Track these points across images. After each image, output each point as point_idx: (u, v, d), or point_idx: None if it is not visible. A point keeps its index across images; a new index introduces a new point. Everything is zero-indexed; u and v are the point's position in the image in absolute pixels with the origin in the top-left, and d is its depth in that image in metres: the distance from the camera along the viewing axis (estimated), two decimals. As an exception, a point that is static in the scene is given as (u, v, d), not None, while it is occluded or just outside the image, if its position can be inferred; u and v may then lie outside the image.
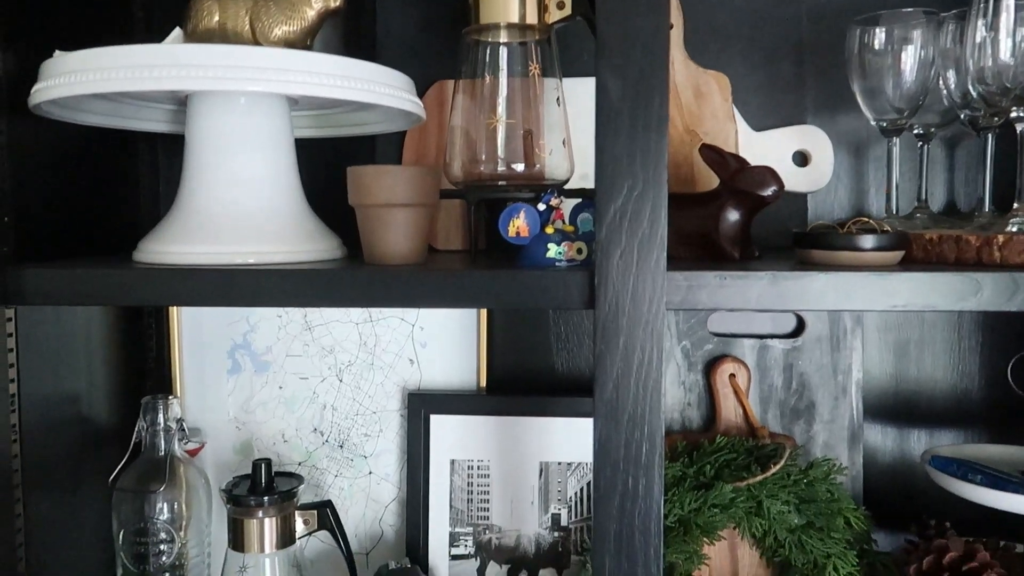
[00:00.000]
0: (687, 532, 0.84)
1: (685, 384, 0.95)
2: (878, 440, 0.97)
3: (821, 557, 0.84)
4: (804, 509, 0.85)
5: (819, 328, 0.94)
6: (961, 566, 0.75)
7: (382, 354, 0.96)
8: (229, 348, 0.97)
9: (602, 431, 0.64)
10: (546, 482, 0.93)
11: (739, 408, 0.93)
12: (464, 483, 0.94)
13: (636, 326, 0.63)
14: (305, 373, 0.97)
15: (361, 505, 0.97)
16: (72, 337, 0.86)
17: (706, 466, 0.86)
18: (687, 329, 0.95)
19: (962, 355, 0.95)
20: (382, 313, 0.96)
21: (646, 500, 0.64)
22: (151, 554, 0.86)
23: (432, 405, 0.94)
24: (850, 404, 0.94)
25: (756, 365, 0.94)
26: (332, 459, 0.97)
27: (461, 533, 0.93)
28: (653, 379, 0.64)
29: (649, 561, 0.64)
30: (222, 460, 0.98)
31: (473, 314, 0.95)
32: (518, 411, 0.93)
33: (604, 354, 0.64)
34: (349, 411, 0.97)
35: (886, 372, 0.96)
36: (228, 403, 0.98)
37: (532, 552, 0.93)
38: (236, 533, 0.85)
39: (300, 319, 0.96)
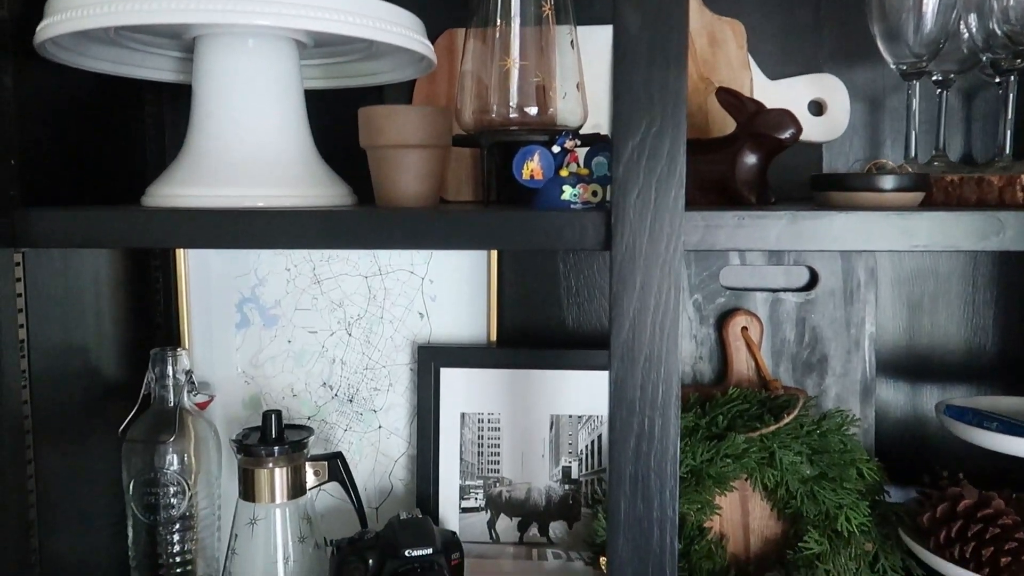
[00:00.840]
0: (699, 483, 0.83)
1: (697, 338, 0.95)
2: (890, 396, 0.96)
3: (833, 508, 0.83)
4: (816, 460, 0.84)
5: (832, 282, 0.93)
6: (976, 513, 0.74)
7: (391, 307, 0.95)
8: (237, 302, 0.97)
9: (618, 372, 0.63)
10: (557, 435, 0.92)
11: (751, 361, 0.92)
12: (474, 436, 0.93)
13: (653, 266, 0.63)
14: (314, 327, 0.96)
15: (371, 460, 0.97)
16: (80, 290, 0.86)
17: (719, 417, 0.85)
18: (699, 283, 0.94)
19: (976, 309, 0.94)
20: (391, 266, 0.95)
21: (662, 441, 0.64)
22: (161, 504, 0.86)
23: (442, 358, 0.93)
24: (863, 358, 0.93)
25: (768, 319, 0.93)
26: (341, 413, 0.97)
27: (471, 486, 0.93)
28: (670, 320, 0.63)
29: (665, 503, 0.64)
30: (231, 414, 0.97)
31: (483, 267, 0.94)
32: (529, 364, 0.92)
33: (620, 295, 0.63)
34: (358, 365, 0.96)
35: (899, 327, 0.95)
36: (236, 357, 0.97)
37: (543, 505, 0.92)
38: (247, 483, 0.85)
39: (309, 272, 0.96)
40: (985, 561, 0.72)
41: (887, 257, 0.94)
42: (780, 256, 0.94)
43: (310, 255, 0.95)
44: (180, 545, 0.88)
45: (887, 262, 0.94)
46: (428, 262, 0.95)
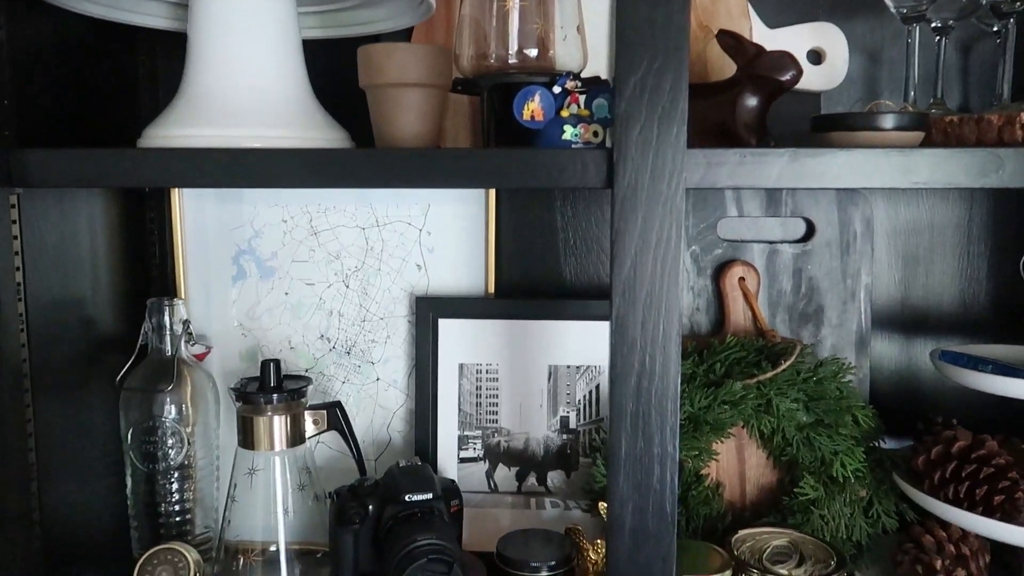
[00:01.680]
0: (697, 429, 0.84)
1: (694, 289, 0.95)
2: (885, 348, 0.97)
3: (829, 454, 0.84)
4: (813, 407, 0.85)
5: (829, 233, 0.93)
6: (970, 454, 0.75)
7: (389, 259, 0.95)
8: (233, 254, 0.96)
9: (619, 309, 0.64)
10: (555, 385, 0.93)
11: (748, 312, 0.93)
12: (473, 387, 0.93)
13: (655, 203, 0.63)
14: (311, 279, 0.96)
15: (369, 412, 0.97)
16: (75, 240, 0.85)
17: (716, 364, 0.86)
18: (696, 234, 0.94)
19: (971, 260, 0.95)
20: (388, 217, 0.95)
21: (663, 379, 0.64)
22: (159, 453, 0.86)
23: (440, 309, 0.93)
24: (858, 309, 0.94)
25: (765, 270, 0.94)
26: (339, 366, 0.97)
27: (470, 436, 0.94)
28: (671, 257, 0.63)
29: (665, 440, 0.64)
30: (228, 367, 0.97)
31: (480, 219, 0.94)
32: (527, 315, 0.92)
33: (622, 232, 0.63)
34: (356, 317, 0.96)
35: (894, 279, 0.96)
36: (233, 310, 0.97)
37: (541, 455, 0.93)
38: (245, 431, 0.85)
39: (306, 224, 0.95)
40: (979, 500, 0.73)
41: (883, 208, 0.95)
42: (777, 207, 0.94)
43: (307, 207, 0.95)
44: (179, 494, 0.88)
45: (883, 213, 0.95)
46: (426, 214, 0.95)
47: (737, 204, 0.94)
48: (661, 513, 0.65)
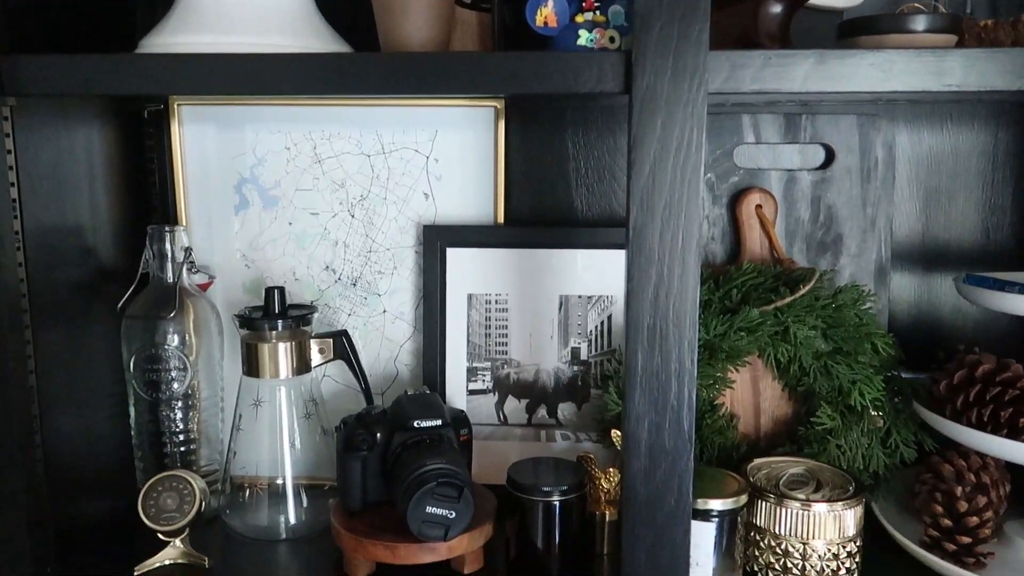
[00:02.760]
0: (712, 357, 0.82)
1: (709, 218, 0.92)
2: (905, 280, 0.94)
3: (847, 383, 0.82)
4: (831, 334, 0.83)
5: (849, 159, 0.90)
6: (994, 377, 0.73)
7: (395, 188, 0.93)
8: (236, 183, 0.94)
9: (636, 219, 0.61)
10: (566, 316, 0.91)
11: (765, 241, 0.90)
12: (482, 318, 0.91)
13: (676, 106, 0.60)
14: (316, 208, 0.93)
15: (376, 344, 0.95)
16: (72, 166, 0.82)
17: (732, 290, 0.84)
18: (712, 161, 0.92)
19: (995, 189, 0.92)
20: (394, 144, 0.92)
21: (681, 291, 0.62)
22: (163, 381, 0.85)
23: (448, 238, 0.91)
24: (878, 238, 0.91)
25: (783, 198, 0.91)
26: (345, 298, 0.95)
27: (479, 368, 0.92)
28: (692, 164, 0.60)
29: (683, 355, 0.62)
30: (232, 299, 0.95)
31: (490, 146, 0.91)
32: (537, 243, 0.90)
33: (640, 138, 0.60)
34: (362, 248, 0.94)
35: (916, 208, 0.93)
36: (236, 240, 0.95)
37: (551, 386, 0.91)
38: (250, 359, 0.83)
39: (309, 151, 0.92)
40: (1003, 423, 0.71)
41: (905, 134, 0.92)
42: (796, 132, 0.91)
43: (310, 133, 0.92)
44: (183, 424, 0.86)
45: (905, 140, 0.92)
46: (433, 140, 0.92)
47: (755, 130, 0.91)
48: (678, 430, 0.63)
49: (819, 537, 0.72)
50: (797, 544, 0.73)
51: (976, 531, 0.73)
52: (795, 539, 0.73)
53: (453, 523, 0.72)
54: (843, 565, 0.73)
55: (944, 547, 0.74)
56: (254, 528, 0.84)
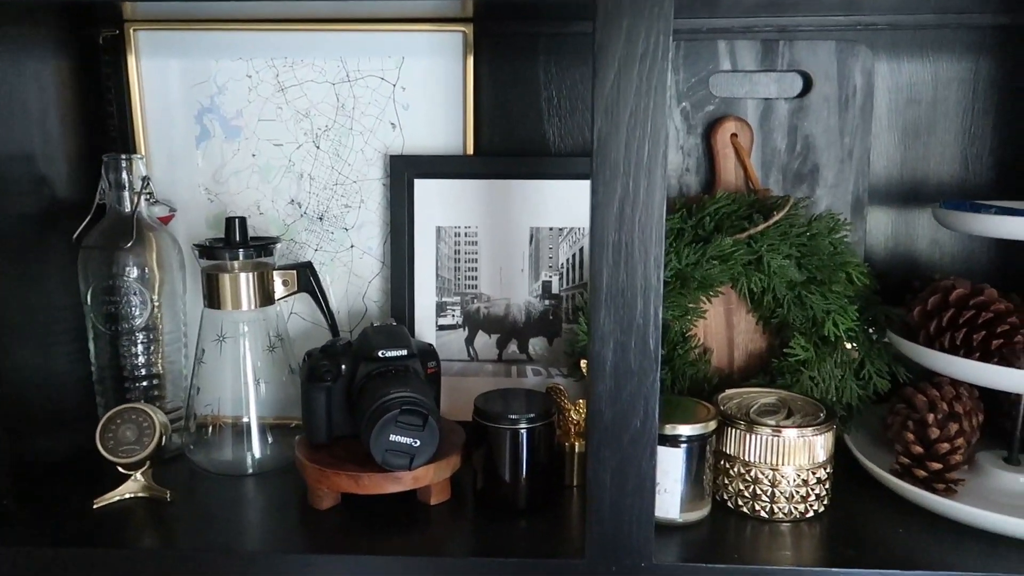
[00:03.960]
0: (684, 286, 0.80)
1: (684, 148, 0.90)
2: (883, 212, 0.93)
3: (820, 313, 0.81)
4: (805, 263, 0.81)
5: (826, 87, 0.88)
6: (968, 301, 0.72)
7: (361, 117, 0.90)
8: (196, 112, 0.91)
9: (600, 129, 0.59)
10: (536, 248, 0.89)
11: (740, 171, 0.88)
12: (451, 251, 0.89)
13: (642, 9, 0.57)
14: (279, 139, 0.91)
15: (343, 280, 0.93)
16: (21, 95, 0.79)
17: (705, 219, 0.82)
18: (687, 90, 0.89)
19: (975, 118, 0.90)
20: (360, 71, 0.89)
21: (647, 206, 0.60)
22: (122, 314, 0.82)
23: (416, 168, 0.88)
24: (856, 169, 0.89)
25: (759, 127, 0.89)
26: (311, 232, 0.93)
27: (448, 303, 0.90)
28: (658, 71, 0.58)
29: (649, 271, 0.61)
30: (195, 233, 0.92)
31: (458, 74, 0.88)
32: (507, 173, 0.88)
33: (604, 44, 0.58)
34: (328, 180, 0.91)
35: (894, 138, 0.91)
36: (198, 173, 0.92)
37: (522, 321, 0.90)
38: (211, 290, 0.81)
39: (271, 79, 0.89)
40: (976, 346, 0.70)
41: (885, 62, 0.89)
42: (773, 60, 0.88)
43: (272, 60, 0.89)
44: (144, 357, 0.84)
45: (885, 67, 0.89)
46: (399, 67, 0.89)
47: (731, 57, 0.88)
48: (644, 349, 0.62)
49: (789, 463, 0.71)
50: (767, 471, 0.72)
51: (947, 458, 0.72)
52: (765, 466, 0.72)
53: (418, 452, 0.71)
54: (812, 491, 0.72)
55: (914, 474, 0.73)
56: (219, 463, 0.82)
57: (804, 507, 0.72)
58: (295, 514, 0.75)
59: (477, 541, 0.71)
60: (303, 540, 0.71)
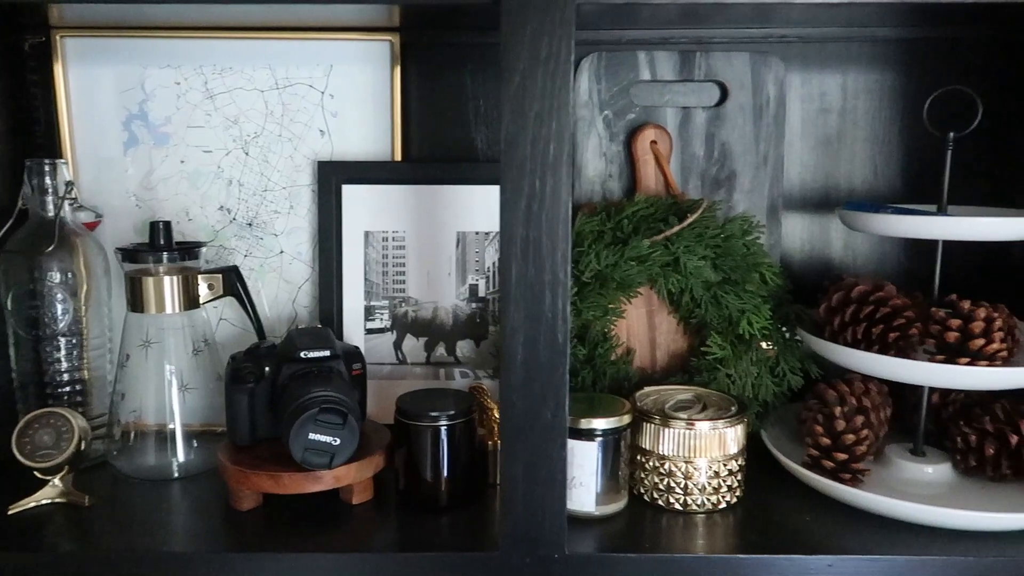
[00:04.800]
0: (603, 287, 0.83)
1: (607, 155, 0.93)
2: (797, 217, 0.96)
3: (736, 312, 0.84)
4: (720, 264, 0.84)
5: (741, 97, 0.92)
6: (868, 297, 0.75)
7: (290, 124, 0.91)
8: (124, 119, 0.91)
9: (508, 130, 0.61)
10: (463, 252, 0.90)
11: (660, 176, 0.91)
12: (379, 255, 0.91)
13: (545, 14, 0.60)
14: (208, 146, 0.91)
15: (273, 286, 0.94)
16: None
17: (623, 221, 0.84)
18: (609, 99, 0.92)
19: (883, 126, 0.94)
20: (289, 79, 0.90)
21: (553, 203, 0.62)
22: (44, 319, 0.82)
23: (344, 174, 0.90)
24: (771, 174, 0.93)
25: (678, 135, 0.92)
26: (241, 238, 0.93)
27: (376, 307, 0.91)
28: (562, 73, 0.60)
29: (556, 266, 0.63)
30: (122, 240, 0.92)
31: (386, 82, 0.90)
32: (434, 179, 0.89)
33: (510, 45, 0.60)
34: (257, 187, 0.92)
35: (807, 145, 0.95)
36: (126, 179, 0.92)
37: (450, 324, 0.91)
38: (135, 294, 0.81)
39: (200, 86, 0.90)
40: (875, 339, 0.74)
41: (797, 73, 0.93)
42: (691, 70, 0.92)
43: (201, 67, 0.90)
44: (67, 363, 0.84)
45: (798, 78, 0.93)
46: (328, 75, 0.90)
47: (650, 67, 0.91)
48: (553, 343, 0.64)
49: (702, 455, 0.74)
50: (681, 464, 0.74)
51: (852, 449, 0.75)
52: (679, 459, 0.74)
53: (338, 451, 0.72)
54: (724, 483, 0.74)
55: (823, 465, 0.76)
56: (142, 469, 0.82)
57: (717, 498, 0.74)
58: (216, 516, 0.75)
59: (397, 538, 0.71)
60: (222, 540, 0.71)
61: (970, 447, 0.78)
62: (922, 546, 0.68)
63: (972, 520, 0.69)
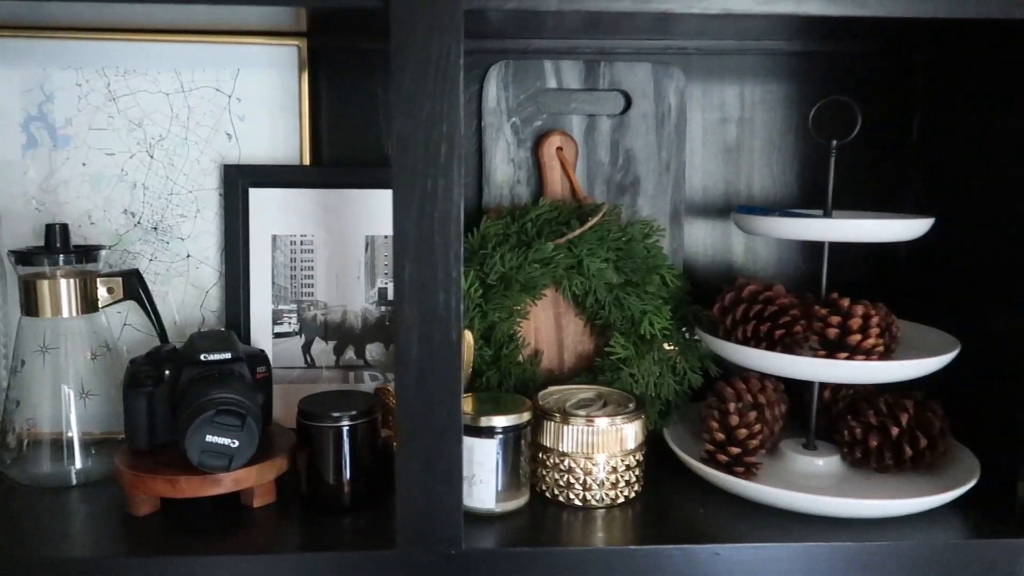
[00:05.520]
0: (508, 288, 0.84)
1: (515, 161, 0.95)
2: (699, 223, 1.00)
3: (637, 313, 0.86)
4: (622, 266, 0.87)
5: (644, 105, 0.95)
6: (757, 297, 0.78)
7: (196, 127, 0.90)
8: (23, 120, 0.89)
9: (400, 129, 0.62)
10: (372, 256, 0.91)
11: (566, 182, 0.93)
12: (287, 259, 0.90)
13: (433, 17, 0.61)
14: (111, 149, 0.90)
15: (180, 291, 0.93)
16: None
17: (527, 224, 0.86)
18: (516, 106, 0.94)
19: (780, 135, 0.98)
20: (195, 83, 0.90)
21: (445, 203, 0.63)
22: (-69, 324, 0.79)
23: (250, 178, 0.89)
24: (673, 180, 0.96)
25: (584, 142, 0.95)
26: (146, 242, 0.92)
27: (285, 311, 0.91)
28: (451, 75, 0.62)
29: (450, 265, 0.64)
30: (21, 244, 0.90)
31: (294, 87, 0.90)
32: (342, 183, 0.90)
33: (399, 49, 0.62)
34: (162, 190, 0.91)
35: (708, 153, 0.98)
36: (25, 182, 0.90)
37: (359, 327, 0.91)
38: (29, 297, 0.79)
39: (103, 88, 0.89)
40: (764, 336, 0.77)
41: (699, 84, 0.97)
42: (595, 79, 0.94)
43: (104, 69, 0.89)
44: (-43, 370, 0.81)
45: (699, 88, 0.97)
46: (235, 79, 0.90)
47: (556, 76, 0.94)
48: (447, 340, 0.65)
49: (601, 451, 0.75)
50: (581, 460, 0.76)
51: (746, 443, 0.78)
52: (579, 455, 0.76)
53: (236, 453, 0.71)
54: (622, 478, 0.76)
55: (717, 459, 0.78)
56: (37, 477, 0.80)
57: (615, 493, 0.76)
58: (113, 522, 0.73)
59: (298, 539, 0.71)
60: (118, 546, 0.69)
61: (856, 440, 0.81)
62: (809, 534, 0.71)
63: (853, 508, 0.73)
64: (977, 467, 0.78)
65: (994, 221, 0.82)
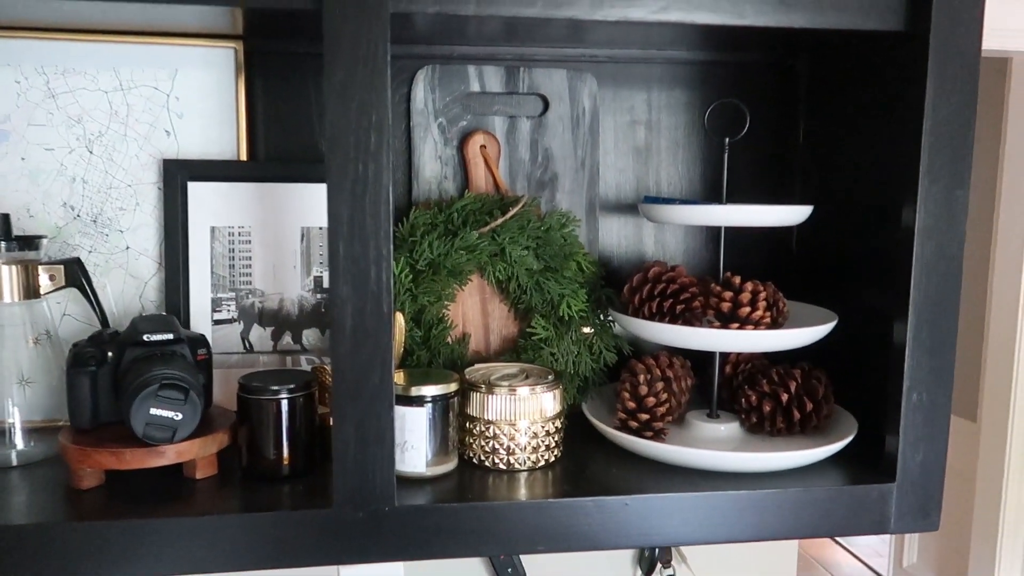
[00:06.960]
0: (436, 274, 0.91)
1: (442, 159, 1.02)
2: (614, 217, 1.08)
3: (556, 297, 0.94)
4: (541, 254, 0.94)
5: (561, 109, 1.03)
6: (661, 277, 0.87)
7: (135, 124, 0.94)
8: (-40, 116, 0.92)
9: (333, 119, 0.68)
10: (308, 246, 0.96)
11: (490, 177, 1.01)
12: (225, 250, 0.95)
13: (362, 17, 0.68)
14: (50, 144, 0.93)
15: (119, 282, 0.96)
16: None
17: (454, 215, 0.93)
18: (443, 107, 1.01)
19: (689, 137, 1.08)
20: (133, 81, 0.94)
21: (375, 186, 0.70)
22: None
23: (189, 171, 0.94)
24: (588, 177, 1.04)
25: (506, 141, 1.02)
26: (85, 235, 0.95)
27: (223, 299, 0.95)
28: (378, 71, 0.68)
29: (380, 243, 0.70)
30: (-42, 237, 0.92)
31: (231, 86, 0.95)
32: (278, 177, 0.95)
33: (332, 45, 0.68)
34: (102, 184, 0.95)
35: (621, 152, 1.07)
36: (-37, 176, 0.92)
37: (295, 314, 0.96)
38: (-30, 284, 0.82)
39: (42, 85, 0.92)
40: (666, 312, 0.85)
41: (611, 89, 1.05)
42: (516, 84, 1.02)
43: (43, 68, 0.92)
44: None
45: (611, 93, 1.06)
46: (173, 78, 0.94)
47: (479, 80, 1.01)
48: (379, 312, 0.71)
49: (523, 418, 0.82)
50: (505, 427, 0.82)
51: (654, 410, 0.86)
52: (503, 423, 0.82)
53: (180, 425, 0.76)
54: (543, 443, 0.83)
55: (629, 425, 0.86)
56: (-22, 460, 0.82)
57: (537, 457, 0.83)
58: (56, 497, 0.76)
59: (239, 503, 0.76)
60: (60, 515, 0.73)
61: (752, 406, 0.91)
62: (709, 487, 0.80)
63: (745, 461, 0.82)
64: (855, 426, 0.88)
65: (866, 212, 0.92)
